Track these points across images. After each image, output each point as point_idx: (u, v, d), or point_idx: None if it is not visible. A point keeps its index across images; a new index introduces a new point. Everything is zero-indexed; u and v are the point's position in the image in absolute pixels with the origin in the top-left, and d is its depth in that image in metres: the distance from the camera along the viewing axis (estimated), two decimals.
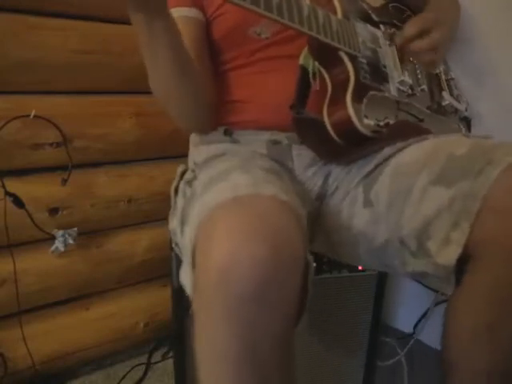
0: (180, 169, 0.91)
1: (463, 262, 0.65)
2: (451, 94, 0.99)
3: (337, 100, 0.74)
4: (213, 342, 0.55)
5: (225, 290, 0.50)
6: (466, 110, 1.02)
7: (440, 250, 0.67)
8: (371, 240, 0.78)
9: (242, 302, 0.50)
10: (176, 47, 0.75)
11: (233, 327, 0.52)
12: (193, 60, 0.82)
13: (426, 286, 1.30)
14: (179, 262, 0.75)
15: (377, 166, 0.81)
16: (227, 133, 0.92)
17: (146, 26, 0.69)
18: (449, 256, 0.65)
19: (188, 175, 0.85)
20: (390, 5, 0.98)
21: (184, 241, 0.71)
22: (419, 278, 0.74)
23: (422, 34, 0.84)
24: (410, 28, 0.84)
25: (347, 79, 0.75)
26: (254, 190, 0.59)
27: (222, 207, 0.57)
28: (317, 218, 0.88)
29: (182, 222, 0.76)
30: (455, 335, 0.68)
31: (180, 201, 0.82)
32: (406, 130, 0.84)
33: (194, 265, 0.59)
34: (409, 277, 0.77)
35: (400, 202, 0.73)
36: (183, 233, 0.75)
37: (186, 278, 0.64)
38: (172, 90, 0.81)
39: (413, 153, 0.78)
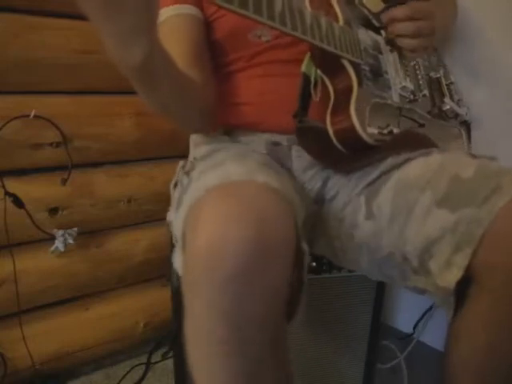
0: (181, 163, 0.91)
1: (465, 286, 0.65)
2: (452, 99, 0.98)
3: (340, 108, 0.74)
4: (199, 323, 0.55)
5: (210, 268, 0.51)
6: (467, 115, 1.02)
7: (441, 271, 0.67)
8: (373, 251, 0.78)
9: (226, 281, 0.50)
10: (171, 75, 0.71)
11: (218, 306, 0.52)
12: (186, 75, 0.77)
13: None
14: None
15: (380, 176, 0.81)
16: (227, 133, 0.92)
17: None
18: (449, 279, 0.65)
19: (187, 167, 0.85)
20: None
21: (177, 224, 0.71)
22: (419, 293, 0.75)
23: (410, 19, 0.82)
24: (399, 10, 0.82)
25: (350, 87, 0.74)
26: (245, 177, 0.60)
27: (212, 191, 0.58)
28: (317, 222, 0.88)
29: (177, 208, 0.76)
30: (456, 353, 0.69)
31: (178, 190, 0.82)
32: (410, 140, 0.84)
33: (184, 247, 0.60)
34: (409, 290, 0.77)
35: (402, 217, 0.73)
36: (177, 216, 0.74)
37: (178, 261, 0.64)
38: (170, 108, 0.78)
39: (417, 167, 0.78)
